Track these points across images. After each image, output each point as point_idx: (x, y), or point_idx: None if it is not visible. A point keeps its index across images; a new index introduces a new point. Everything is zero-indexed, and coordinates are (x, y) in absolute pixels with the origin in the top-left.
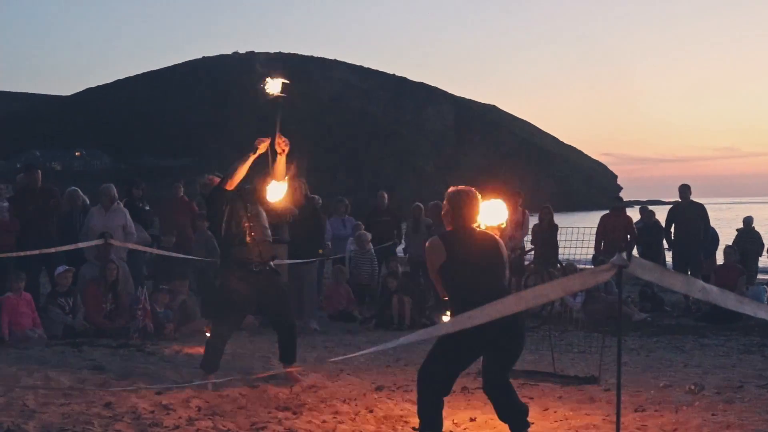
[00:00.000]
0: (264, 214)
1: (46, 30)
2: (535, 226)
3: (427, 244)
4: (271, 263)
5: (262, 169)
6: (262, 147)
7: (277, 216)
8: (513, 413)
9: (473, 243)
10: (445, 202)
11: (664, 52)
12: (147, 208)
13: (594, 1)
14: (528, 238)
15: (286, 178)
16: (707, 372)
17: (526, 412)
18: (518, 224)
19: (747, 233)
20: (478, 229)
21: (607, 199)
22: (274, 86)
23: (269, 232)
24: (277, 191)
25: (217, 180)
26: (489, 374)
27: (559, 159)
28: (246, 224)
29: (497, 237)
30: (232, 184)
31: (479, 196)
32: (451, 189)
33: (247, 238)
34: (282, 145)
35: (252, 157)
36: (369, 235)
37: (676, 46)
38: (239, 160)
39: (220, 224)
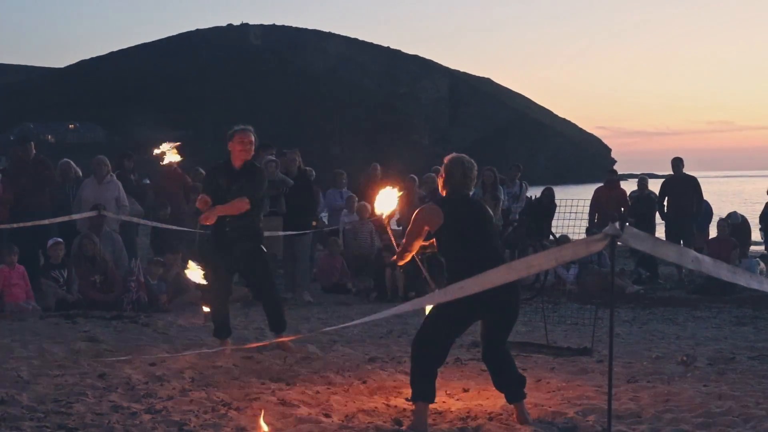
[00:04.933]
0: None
1: (39, 1)
2: (534, 200)
3: (422, 208)
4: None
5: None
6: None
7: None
8: (510, 383)
9: (468, 209)
10: (442, 168)
11: (659, 24)
12: (147, 181)
13: None
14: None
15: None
16: (699, 344)
17: (523, 383)
18: (514, 197)
19: (738, 227)
20: (470, 196)
21: (601, 172)
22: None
23: (253, 220)
24: None
25: None
26: (487, 340)
27: (554, 132)
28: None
29: (485, 205)
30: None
31: (475, 165)
32: (448, 156)
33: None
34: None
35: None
36: (369, 206)
37: (671, 19)
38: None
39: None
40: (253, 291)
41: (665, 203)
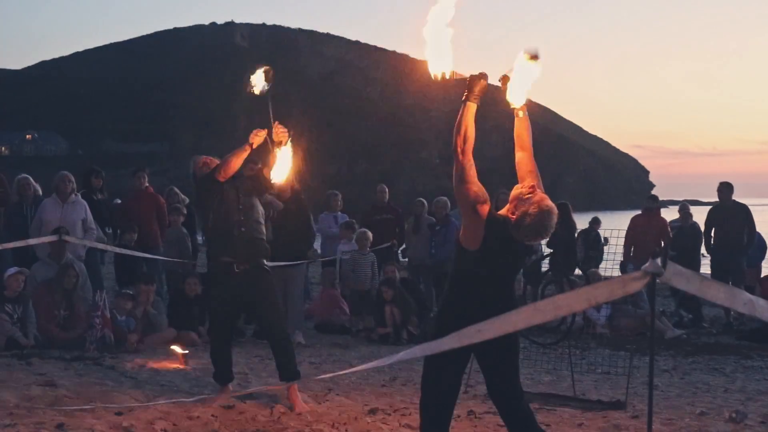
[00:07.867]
0: (259, 207)
1: None
2: (556, 226)
3: (482, 201)
4: (265, 263)
5: (259, 156)
6: (258, 140)
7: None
8: None
9: (513, 248)
10: (529, 202)
11: (709, 28)
12: (118, 201)
13: None
14: (544, 240)
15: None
16: (750, 398)
17: None
18: None
19: None
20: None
21: (638, 198)
22: (258, 81)
23: (263, 228)
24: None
25: (214, 162)
26: (494, 387)
27: (583, 150)
28: (236, 218)
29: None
30: (225, 176)
31: (550, 232)
32: (545, 201)
33: (235, 231)
34: (280, 135)
35: (247, 151)
36: (370, 234)
37: (723, 23)
38: (234, 152)
39: (208, 215)
40: (262, 329)
41: (712, 234)
